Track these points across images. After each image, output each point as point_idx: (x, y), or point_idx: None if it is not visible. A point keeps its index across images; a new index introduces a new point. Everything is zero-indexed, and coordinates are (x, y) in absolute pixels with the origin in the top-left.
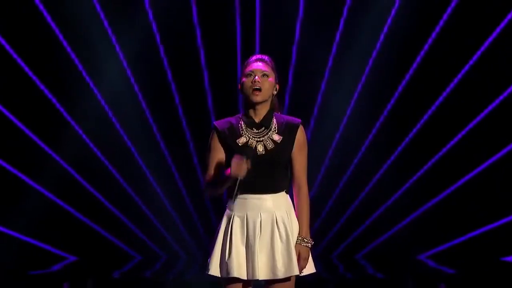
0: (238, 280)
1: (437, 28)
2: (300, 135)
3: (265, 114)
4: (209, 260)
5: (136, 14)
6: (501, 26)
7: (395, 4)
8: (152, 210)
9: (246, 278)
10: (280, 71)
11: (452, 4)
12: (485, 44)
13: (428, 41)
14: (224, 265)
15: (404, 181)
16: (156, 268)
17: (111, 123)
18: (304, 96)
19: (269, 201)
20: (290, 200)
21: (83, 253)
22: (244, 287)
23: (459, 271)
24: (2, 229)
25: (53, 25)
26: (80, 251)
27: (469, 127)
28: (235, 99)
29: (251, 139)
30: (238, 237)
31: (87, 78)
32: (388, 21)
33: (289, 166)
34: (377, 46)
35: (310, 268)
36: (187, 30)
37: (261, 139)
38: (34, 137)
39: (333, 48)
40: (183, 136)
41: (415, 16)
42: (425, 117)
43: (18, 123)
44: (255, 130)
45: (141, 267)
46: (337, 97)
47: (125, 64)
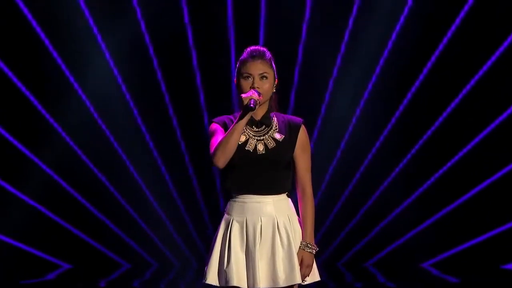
0: None
1: (453, 26)
2: (303, 135)
3: (265, 113)
4: (206, 268)
5: (123, 13)
6: None
7: (408, 2)
8: (142, 215)
9: (247, 287)
10: (285, 69)
11: (469, 2)
12: (500, 49)
13: (442, 41)
14: (223, 274)
15: (416, 186)
16: (146, 277)
17: (98, 126)
18: (311, 95)
19: (270, 205)
20: (292, 204)
21: (68, 261)
22: None
23: (463, 280)
24: None
25: (34, 23)
26: (65, 259)
27: (483, 135)
28: (229, 97)
29: (251, 138)
30: (237, 243)
31: (71, 78)
32: (401, 19)
33: (292, 167)
34: (389, 45)
35: (314, 276)
36: (178, 28)
37: (262, 138)
38: (15, 142)
39: (342, 47)
40: (174, 136)
41: (429, 13)
42: (437, 124)
43: None
44: (255, 129)
45: (130, 276)
46: (346, 97)
47: (112, 64)
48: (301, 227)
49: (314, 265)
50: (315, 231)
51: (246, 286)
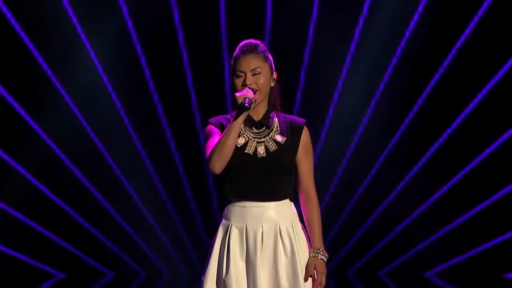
0: None
1: (471, 24)
2: (306, 136)
3: (265, 113)
4: (203, 278)
5: (109, 11)
6: None
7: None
8: (129, 220)
9: None
10: (291, 68)
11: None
12: None
13: (460, 39)
14: (221, 283)
15: (429, 193)
16: None
17: (82, 128)
18: (319, 95)
19: (272, 209)
20: (295, 209)
21: (51, 269)
22: None
23: None
24: None
25: (14, 21)
26: (48, 267)
27: (499, 142)
28: (222, 96)
29: (251, 140)
30: (237, 251)
31: (53, 78)
32: (415, 17)
33: (294, 171)
34: (402, 44)
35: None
36: (167, 25)
37: (262, 140)
38: None
39: (352, 46)
40: (163, 136)
41: (445, 10)
42: (452, 128)
43: None
44: (255, 130)
45: (114, 286)
46: (356, 97)
47: (97, 63)
48: (305, 234)
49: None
50: (322, 237)
51: None
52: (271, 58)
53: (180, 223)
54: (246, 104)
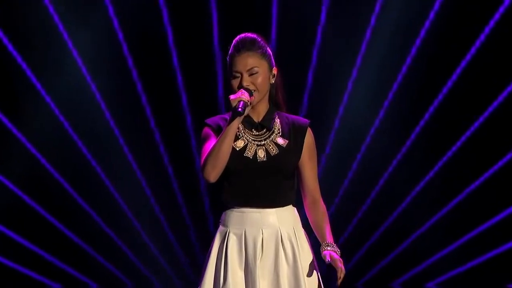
0: None
1: (491, 22)
2: (310, 138)
3: (266, 112)
4: None
5: (94, 10)
6: None
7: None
8: (116, 230)
9: None
10: (298, 67)
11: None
12: None
13: (479, 37)
14: None
15: (445, 200)
16: None
17: (65, 132)
18: (327, 95)
19: (273, 215)
20: (298, 214)
21: (28, 279)
22: None
23: None
24: None
25: None
26: (25, 277)
27: None
28: (215, 95)
29: (251, 143)
30: (235, 259)
31: (33, 79)
32: (430, 15)
33: (298, 174)
34: (417, 43)
35: None
36: (156, 24)
37: (263, 143)
38: None
39: (363, 46)
40: (152, 137)
41: (462, 7)
42: (470, 132)
43: None
44: (255, 132)
45: None
46: (367, 98)
47: (80, 62)
48: (309, 241)
49: (319, 279)
50: None
51: None
52: (270, 52)
53: (170, 229)
54: (239, 109)
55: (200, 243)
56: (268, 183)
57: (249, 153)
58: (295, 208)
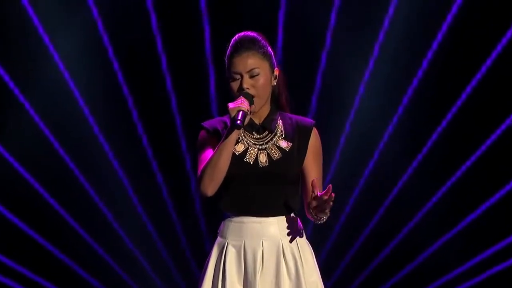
0: None
1: None
2: (315, 140)
3: (268, 114)
4: None
5: (76, 12)
6: None
7: (457, 1)
8: (103, 244)
9: None
10: (307, 69)
11: None
12: None
13: (506, 35)
14: None
15: (462, 215)
16: None
17: (46, 138)
18: (338, 98)
19: (274, 225)
20: (301, 224)
21: None
22: None
23: None
24: None
25: None
26: None
27: None
28: (207, 96)
29: (251, 147)
30: (234, 273)
31: (11, 84)
32: (448, 18)
33: (301, 178)
34: (433, 46)
35: None
36: (142, 25)
37: (264, 147)
38: None
39: (375, 49)
40: (139, 141)
41: (481, 11)
42: (491, 140)
43: None
44: (256, 135)
45: None
46: (380, 103)
47: (62, 67)
48: (313, 254)
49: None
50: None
51: None
52: (272, 52)
53: (159, 238)
54: (238, 122)
55: (194, 255)
56: (270, 190)
57: (250, 158)
58: (299, 219)
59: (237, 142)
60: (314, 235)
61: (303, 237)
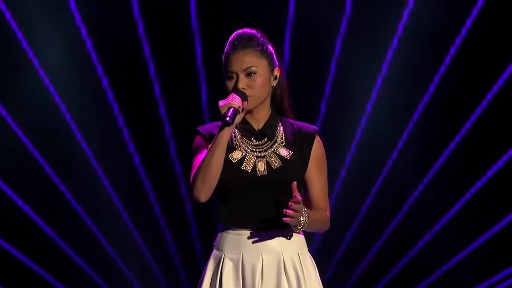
0: None
1: None
2: (318, 148)
3: (267, 119)
4: None
5: (59, 18)
6: None
7: (478, 3)
8: (88, 259)
9: None
10: (315, 74)
11: None
12: None
13: None
14: None
15: (483, 226)
16: None
17: (24, 147)
18: (349, 105)
19: (274, 239)
20: (304, 238)
21: None
22: None
23: None
24: None
25: None
26: None
27: None
28: (196, 101)
29: (249, 154)
30: None
31: None
32: (467, 22)
33: (304, 188)
34: (451, 52)
35: None
36: (128, 29)
37: (263, 155)
38: None
39: (388, 54)
40: (124, 148)
41: (503, 15)
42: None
43: None
44: (255, 142)
45: None
46: (394, 110)
47: (42, 73)
48: (316, 268)
49: None
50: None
51: None
52: (272, 50)
53: (146, 246)
54: (228, 118)
55: (186, 269)
56: (269, 201)
57: (247, 166)
58: (302, 232)
59: (234, 149)
60: (322, 248)
61: (306, 251)
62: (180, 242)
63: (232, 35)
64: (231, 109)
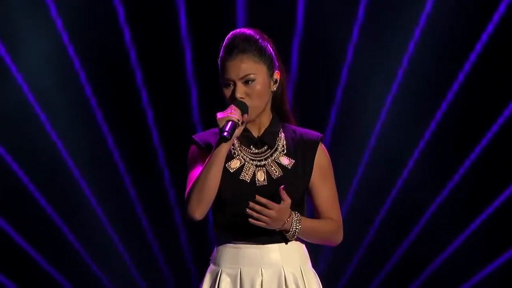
0: None
1: None
2: (322, 156)
3: (268, 126)
4: None
5: (39, 24)
6: None
7: (499, 9)
8: (70, 276)
9: None
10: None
11: None
12: None
13: None
14: None
15: (498, 250)
16: None
17: (7, 168)
18: (361, 113)
19: (275, 252)
20: (306, 251)
21: None
22: None
23: None
24: None
25: None
26: None
27: None
28: (186, 108)
29: (248, 163)
30: None
31: None
32: (488, 28)
33: (310, 199)
34: (471, 58)
35: None
36: (112, 33)
37: (263, 163)
38: None
39: (404, 60)
40: (109, 157)
41: None
42: None
43: None
44: (254, 150)
45: None
46: (409, 119)
47: (20, 79)
48: (319, 283)
49: None
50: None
51: None
52: (271, 51)
53: (132, 260)
54: (225, 134)
55: (176, 283)
56: None
57: (246, 176)
58: (304, 244)
59: (232, 158)
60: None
61: (309, 266)
62: (169, 254)
63: (227, 37)
64: (230, 123)
